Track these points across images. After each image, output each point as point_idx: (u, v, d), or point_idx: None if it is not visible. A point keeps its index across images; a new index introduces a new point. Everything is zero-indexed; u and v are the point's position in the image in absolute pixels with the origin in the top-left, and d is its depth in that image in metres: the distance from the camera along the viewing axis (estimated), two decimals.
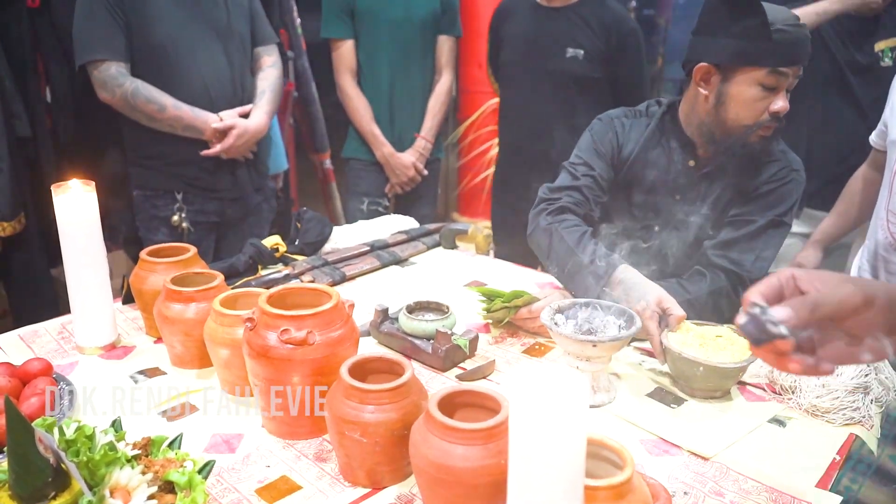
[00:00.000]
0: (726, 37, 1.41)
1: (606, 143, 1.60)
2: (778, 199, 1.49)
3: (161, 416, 1.18)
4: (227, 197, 2.24)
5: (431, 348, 1.33)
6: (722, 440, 1.11)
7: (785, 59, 1.39)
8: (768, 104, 1.42)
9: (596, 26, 2.37)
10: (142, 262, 1.43)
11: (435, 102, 2.61)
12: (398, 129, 2.58)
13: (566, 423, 0.65)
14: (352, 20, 2.47)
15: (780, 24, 1.37)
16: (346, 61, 2.53)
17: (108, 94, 2.06)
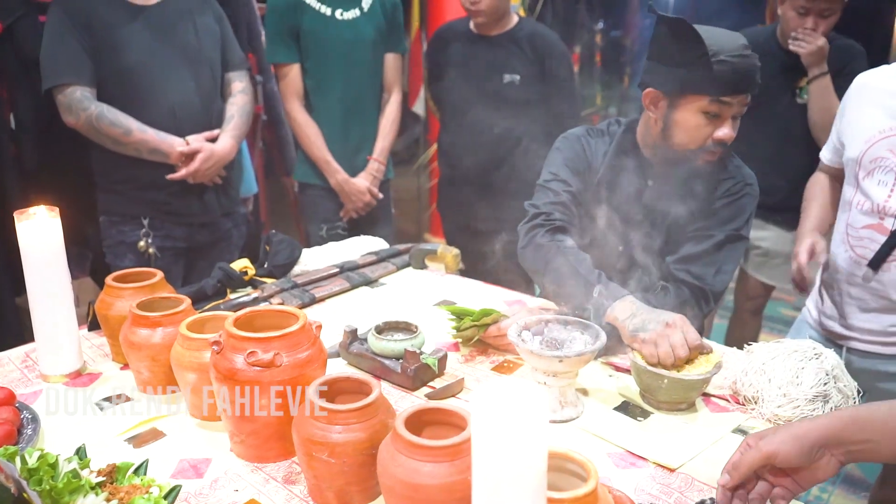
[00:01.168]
0: (671, 65, 1.44)
1: (577, 160, 1.63)
2: (734, 214, 1.53)
3: (127, 442, 1.17)
4: (196, 222, 2.23)
5: (400, 368, 1.33)
6: (687, 451, 1.13)
7: (726, 90, 1.41)
8: (712, 131, 1.46)
9: (530, 52, 2.48)
10: (107, 288, 1.42)
11: (385, 122, 2.60)
12: (350, 152, 2.56)
13: (526, 436, 0.66)
14: (297, 44, 2.45)
15: (725, 55, 1.38)
16: (294, 86, 2.50)
17: (73, 117, 2.05)
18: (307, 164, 2.56)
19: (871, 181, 1.61)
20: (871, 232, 1.61)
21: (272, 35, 2.46)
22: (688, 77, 1.42)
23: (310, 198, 2.60)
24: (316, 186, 2.56)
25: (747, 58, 1.40)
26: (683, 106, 1.45)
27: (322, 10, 2.42)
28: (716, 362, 1.26)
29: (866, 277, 1.64)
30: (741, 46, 1.40)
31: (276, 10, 2.43)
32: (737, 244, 1.53)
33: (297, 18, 2.42)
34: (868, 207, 1.62)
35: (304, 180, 2.60)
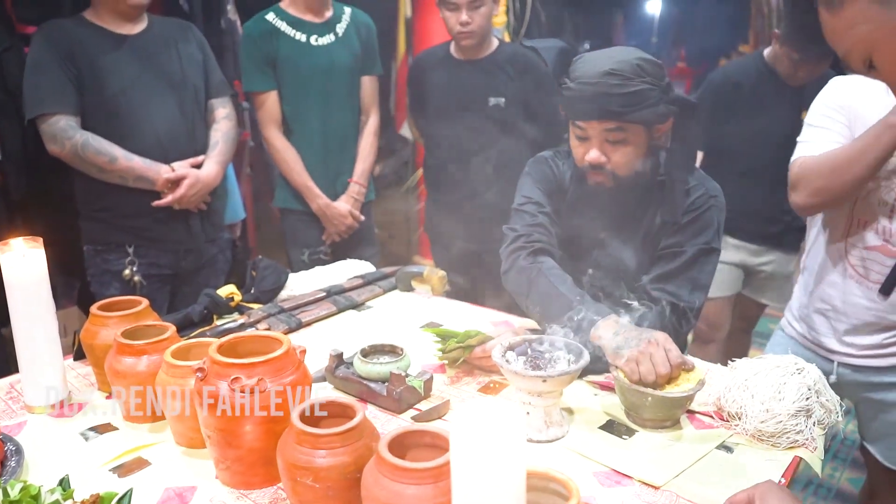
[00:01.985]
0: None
1: (546, 182, 1.65)
2: (702, 227, 1.53)
3: (112, 472, 1.16)
4: (181, 248, 2.23)
5: (386, 391, 1.33)
6: (672, 469, 1.14)
7: (575, 114, 1.48)
8: (584, 153, 1.51)
9: (513, 73, 2.52)
10: (92, 317, 1.42)
11: (364, 144, 2.62)
12: (331, 176, 2.56)
13: (504, 457, 0.67)
14: (273, 71, 2.47)
15: (578, 81, 1.44)
16: (272, 113, 2.50)
17: (57, 147, 2.05)
18: (287, 189, 2.57)
19: (872, 199, 1.56)
20: (875, 254, 1.57)
21: (248, 64, 2.48)
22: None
23: (291, 223, 2.61)
24: (297, 212, 2.56)
25: (596, 85, 1.42)
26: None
27: (297, 36, 2.45)
28: (699, 379, 1.27)
29: (865, 297, 1.61)
30: (599, 73, 1.42)
31: (251, 39, 2.46)
32: (709, 257, 1.54)
33: (273, 46, 2.44)
34: (871, 226, 1.57)
35: (285, 206, 2.61)
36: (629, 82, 1.40)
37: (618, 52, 1.46)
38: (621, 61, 1.42)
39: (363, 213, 2.62)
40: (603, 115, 1.43)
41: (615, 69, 1.41)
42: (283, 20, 2.46)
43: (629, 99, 1.41)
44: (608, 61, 1.43)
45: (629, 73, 1.41)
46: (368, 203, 2.68)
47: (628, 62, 1.42)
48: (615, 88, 1.41)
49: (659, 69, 1.45)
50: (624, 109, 1.42)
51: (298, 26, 2.46)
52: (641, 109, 1.42)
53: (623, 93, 1.40)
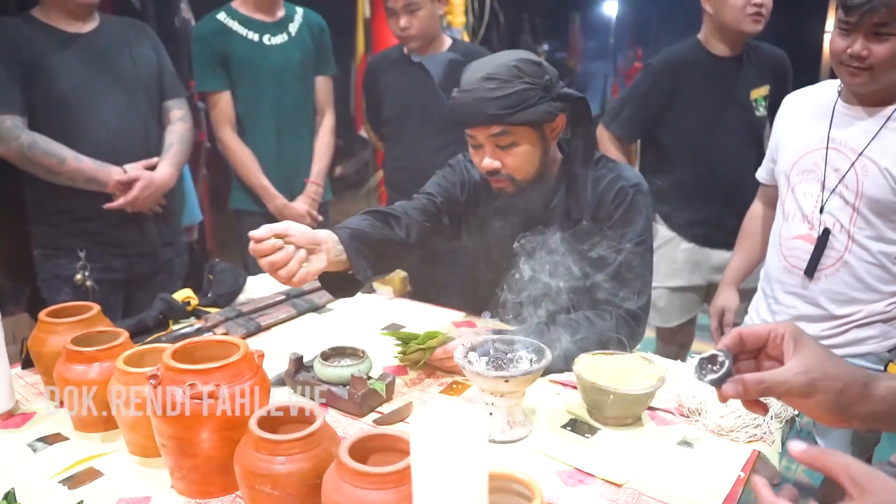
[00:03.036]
0: None
1: (451, 184, 1.67)
2: (630, 220, 1.52)
3: (62, 484, 1.12)
4: (135, 252, 2.18)
5: (348, 394, 1.31)
6: (634, 466, 1.14)
7: (457, 121, 1.51)
8: (479, 160, 1.52)
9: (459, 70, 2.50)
10: (41, 324, 1.37)
11: (321, 144, 2.59)
12: (288, 177, 2.53)
13: (466, 459, 0.66)
14: (226, 71, 2.43)
15: (458, 89, 1.47)
16: (225, 114, 2.45)
17: (2, 147, 1.98)
18: (243, 190, 2.52)
19: (800, 192, 1.68)
20: (801, 242, 1.67)
21: (200, 64, 2.42)
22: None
23: (248, 225, 2.52)
24: (254, 213, 2.51)
25: (473, 91, 1.43)
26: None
27: (249, 36, 2.41)
28: (659, 376, 1.27)
29: (799, 286, 1.69)
30: (477, 79, 1.43)
31: (202, 39, 2.41)
32: (646, 249, 1.54)
33: (225, 46, 2.40)
34: (798, 217, 1.68)
35: (240, 207, 2.57)
36: (506, 85, 1.41)
37: (498, 56, 1.46)
38: (498, 65, 1.42)
39: (320, 213, 2.58)
40: (484, 121, 1.44)
41: (491, 73, 1.42)
42: (234, 19, 2.42)
43: (507, 101, 1.41)
44: (486, 66, 1.44)
45: (505, 76, 1.41)
46: (326, 203, 2.65)
47: (504, 65, 1.42)
48: (491, 92, 1.41)
49: (538, 68, 1.45)
50: (504, 112, 1.42)
51: (250, 25, 2.42)
52: (521, 110, 1.42)
53: (500, 96, 1.41)
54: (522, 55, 1.46)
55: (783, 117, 1.79)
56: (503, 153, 1.48)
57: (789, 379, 0.77)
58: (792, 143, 1.73)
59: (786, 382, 0.77)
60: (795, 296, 1.70)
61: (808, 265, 1.66)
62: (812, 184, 1.66)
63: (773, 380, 0.77)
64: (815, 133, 1.66)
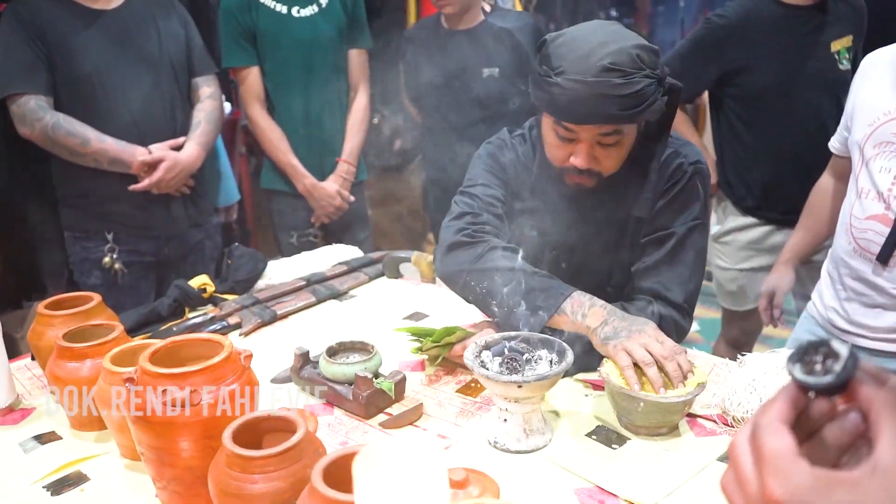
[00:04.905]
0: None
1: (499, 168, 1.47)
2: (686, 202, 1.34)
3: (45, 489, 1.06)
4: (163, 235, 2.13)
5: (352, 394, 1.21)
6: (664, 485, 1.00)
7: (562, 115, 1.23)
8: (568, 154, 1.28)
9: (506, 41, 2.36)
10: (39, 316, 1.31)
11: (353, 120, 2.47)
12: (318, 155, 2.43)
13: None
14: (253, 45, 2.33)
15: (567, 76, 1.18)
16: (254, 90, 2.36)
17: (27, 128, 1.95)
18: (273, 170, 2.44)
19: (875, 167, 1.47)
20: (874, 223, 1.46)
21: (227, 38, 2.33)
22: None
23: (278, 205, 2.49)
24: (284, 193, 2.44)
25: (593, 85, 1.17)
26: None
27: (277, 8, 2.30)
28: (699, 382, 1.12)
29: (870, 272, 1.49)
30: (597, 69, 1.16)
31: (228, 12, 2.31)
32: (700, 234, 1.36)
33: (252, 18, 2.29)
34: (873, 195, 1.47)
35: (271, 187, 2.49)
36: (629, 79, 1.16)
37: (610, 36, 1.20)
38: (619, 51, 1.17)
39: (354, 193, 2.48)
40: (602, 120, 1.21)
41: (615, 63, 1.16)
42: None
43: (632, 100, 1.18)
44: (603, 52, 1.17)
45: (630, 67, 1.17)
46: (360, 183, 2.54)
47: (627, 52, 1.17)
48: (616, 89, 1.16)
49: (656, 57, 1.22)
50: (626, 112, 1.19)
51: None
52: (644, 109, 1.19)
53: (626, 94, 1.17)
54: (636, 38, 1.20)
55: (860, 79, 1.57)
56: (602, 151, 1.26)
57: None
58: (868, 110, 1.51)
59: None
60: (864, 283, 1.50)
61: (881, 250, 1.45)
62: (889, 158, 1.44)
63: None
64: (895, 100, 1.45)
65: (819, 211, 1.79)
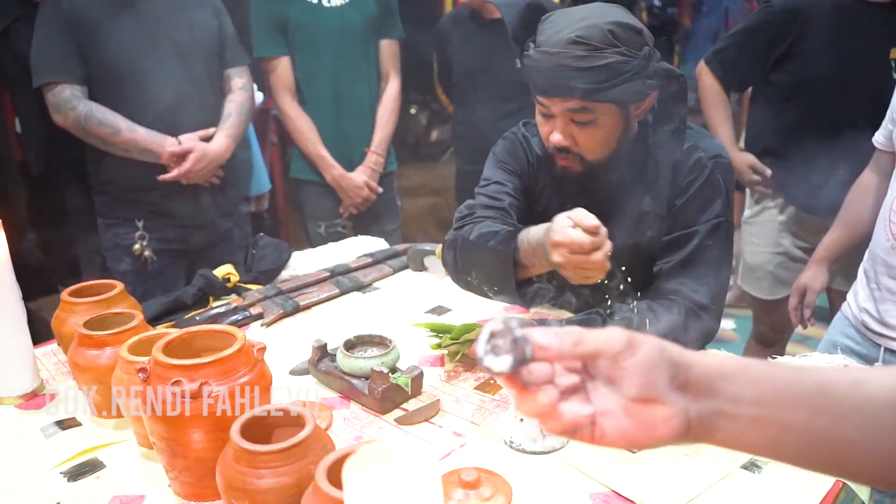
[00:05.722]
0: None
1: (514, 162, 1.44)
2: (707, 199, 1.29)
3: (63, 475, 1.07)
4: (191, 224, 2.14)
5: (368, 389, 1.20)
6: (684, 493, 0.97)
7: (533, 87, 1.24)
8: (548, 132, 1.27)
9: None
10: (63, 304, 1.33)
11: (383, 111, 2.45)
12: (347, 146, 2.42)
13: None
14: (284, 35, 2.32)
15: (540, 48, 1.19)
16: (284, 80, 2.37)
17: (61, 117, 1.98)
18: (302, 159, 2.44)
19: None
20: None
21: (259, 28, 2.33)
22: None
23: (307, 195, 2.49)
24: (313, 183, 2.44)
25: (556, 56, 1.17)
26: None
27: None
28: None
29: None
30: (562, 42, 1.17)
31: (260, 2, 2.31)
32: (725, 231, 1.30)
33: (283, 9, 2.29)
34: None
35: (300, 177, 2.49)
36: (597, 53, 1.15)
37: (591, 13, 1.19)
38: (590, 26, 1.16)
39: (383, 184, 2.47)
40: (564, 93, 1.20)
41: (581, 37, 1.16)
42: None
43: (596, 74, 1.16)
44: (575, 25, 1.17)
45: (598, 42, 1.16)
46: (390, 174, 2.53)
47: (598, 27, 1.16)
48: (579, 62, 1.16)
49: (637, 36, 1.19)
50: (590, 87, 1.17)
51: None
52: (612, 87, 1.17)
53: (588, 67, 1.15)
54: (620, 16, 1.19)
55: None
56: (577, 129, 1.25)
57: (604, 332, 0.56)
58: None
59: (601, 334, 0.55)
60: None
61: None
62: None
63: (588, 332, 0.55)
64: None
65: (858, 207, 1.72)
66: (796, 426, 0.55)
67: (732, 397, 0.56)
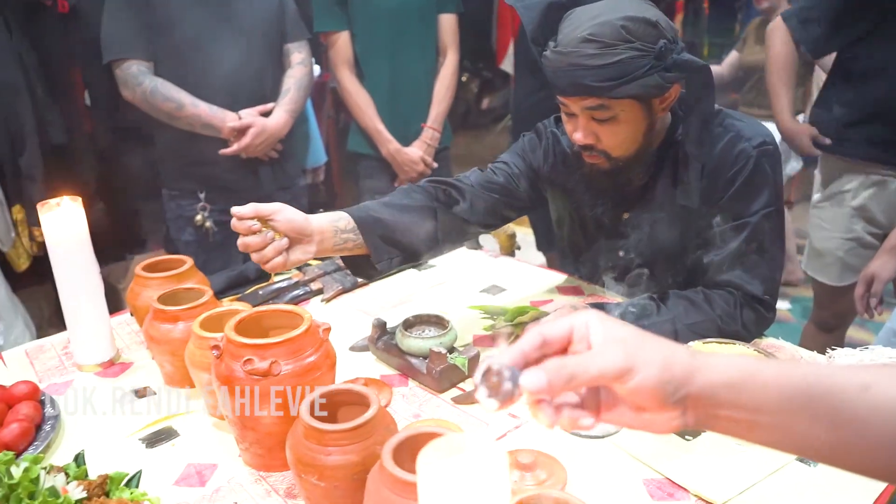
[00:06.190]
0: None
1: (532, 155, 1.46)
2: (756, 189, 1.27)
3: (141, 441, 1.14)
4: (251, 197, 2.17)
5: (426, 369, 1.24)
6: (736, 483, 0.98)
7: (552, 86, 1.24)
8: (571, 130, 1.28)
9: None
10: (137, 278, 1.40)
11: (441, 87, 2.45)
12: (403, 120, 2.43)
13: None
14: (344, 10, 2.34)
15: (556, 47, 1.20)
16: (343, 54, 2.39)
17: (129, 92, 2.05)
18: (360, 133, 2.47)
19: None
20: None
21: (319, 3, 2.36)
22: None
23: (364, 169, 2.52)
24: (369, 157, 2.47)
25: (569, 55, 1.17)
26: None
27: None
28: None
29: None
30: (575, 40, 1.16)
31: None
32: (777, 219, 1.29)
33: None
34: None
35: (357, 150, 2.52)
36: (608, 51, 1.15)
37: (607, 8, 1.18)
38: (603, 23, 1.16)
39: (438, 159, 2.49)
40: (580, 91, 1.20)
41: (593, 34, 1.15)
42: None
43: (608, 72, 1.15)
44: (589, 23, 1.17)
45: (610, 39, 1.15)
46: (444, 149, 2.54)
47: (611, 23, 1.15)
48: (591, 59, 1.16)
49: (652, 30, 1.16)
50: (604, 84, 1.17)
51: None
52: (624, 84, 1.16)
53: (600, 64, 1.15)
54: (636, 10, 1.17)
55: None
56: (599, 127, 1.25)
57: (599, 363, 0.56)
58: None
59: (595, 363, 0.56)
60: None
61: None
62: None
63: (581, 363, 0.57)
64: None
65: None
66: (795, 431, 0.56)
67: (733, 404, 0.57)
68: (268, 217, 1.16)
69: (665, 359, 0.57)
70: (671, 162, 1.32)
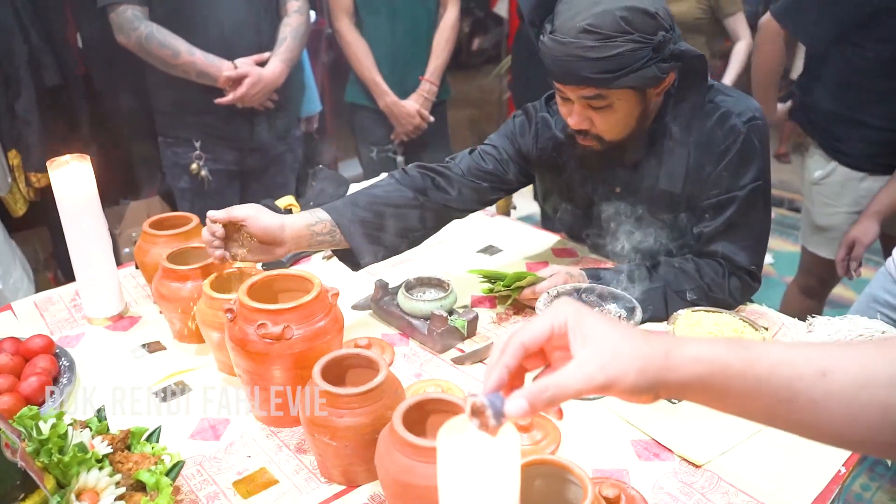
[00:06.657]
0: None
1: (521, 140, 1.49)
2: (744, 163, 1.30)
3: (156, 395, 1.20)
4: (246, 146, 2.21)
5: (427, 330, 1.29)
6: (718, 445, 1.06)
7: (549, 72, 1.26)
8: (566, 113, 1.31)
9: None
10: (144, 235, 1.43)
11: (440, 39, 2.44)
12: (401, 72, 2.43)
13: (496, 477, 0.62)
14: None
15: (553, 35, 1.20)
16: (343, 3, 2.37)
17: (124, 37, 2.03)
18: (358, 84, 2.47)
19: None
20: None
21: None
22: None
23: (361, 119, 2.53)
24: (366, 108, 2.48)
25: (567, 45, 1.18)
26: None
27: None
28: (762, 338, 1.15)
29: None
30: (574, 31, 1.17)
31: None
32: (764, 194, 1.34)
33: None
34: None
35: (355, 101, 2.52)
36: (608, 42, 1.15)
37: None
38: (603, 13, 1.15)
39: (435, 113, 2.49)
40: (578, 81, 1.21)
41: (592, 25, 1.16)
42: None
43: (608, 64, 1.17)
44: (588, 11, 1.17)
45: (609, 30, 1.15)
46: (442, 102, 2.54)
47: (610, 14, 1.15)
48: (591, 51, 1.16)
49: (651, 21, 1.17)
50: (603, 76, 1.18)
51: None
52: (623, 76, 1.18)
53: (600, 57, 1.16)
54: (635, 2, 1.16)
55: None
56: (594, 113, 1.27)
57: (578, 380, 0.61)
58: None
59: (574, 384, 0.60)
60: None
61: None
62: None
63: (561, 384, 0.61)
64: None
65: None
66: (755, 413, 0.63)
67: (702, 394, 0.63)
68: (241, 222, 1.18)
69: (641, 367, 0.61)
70: (662, 138, 1.35)
